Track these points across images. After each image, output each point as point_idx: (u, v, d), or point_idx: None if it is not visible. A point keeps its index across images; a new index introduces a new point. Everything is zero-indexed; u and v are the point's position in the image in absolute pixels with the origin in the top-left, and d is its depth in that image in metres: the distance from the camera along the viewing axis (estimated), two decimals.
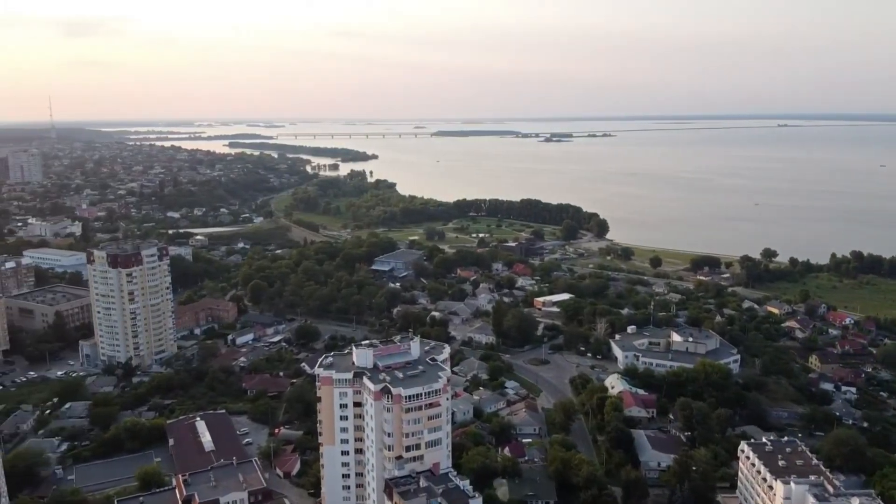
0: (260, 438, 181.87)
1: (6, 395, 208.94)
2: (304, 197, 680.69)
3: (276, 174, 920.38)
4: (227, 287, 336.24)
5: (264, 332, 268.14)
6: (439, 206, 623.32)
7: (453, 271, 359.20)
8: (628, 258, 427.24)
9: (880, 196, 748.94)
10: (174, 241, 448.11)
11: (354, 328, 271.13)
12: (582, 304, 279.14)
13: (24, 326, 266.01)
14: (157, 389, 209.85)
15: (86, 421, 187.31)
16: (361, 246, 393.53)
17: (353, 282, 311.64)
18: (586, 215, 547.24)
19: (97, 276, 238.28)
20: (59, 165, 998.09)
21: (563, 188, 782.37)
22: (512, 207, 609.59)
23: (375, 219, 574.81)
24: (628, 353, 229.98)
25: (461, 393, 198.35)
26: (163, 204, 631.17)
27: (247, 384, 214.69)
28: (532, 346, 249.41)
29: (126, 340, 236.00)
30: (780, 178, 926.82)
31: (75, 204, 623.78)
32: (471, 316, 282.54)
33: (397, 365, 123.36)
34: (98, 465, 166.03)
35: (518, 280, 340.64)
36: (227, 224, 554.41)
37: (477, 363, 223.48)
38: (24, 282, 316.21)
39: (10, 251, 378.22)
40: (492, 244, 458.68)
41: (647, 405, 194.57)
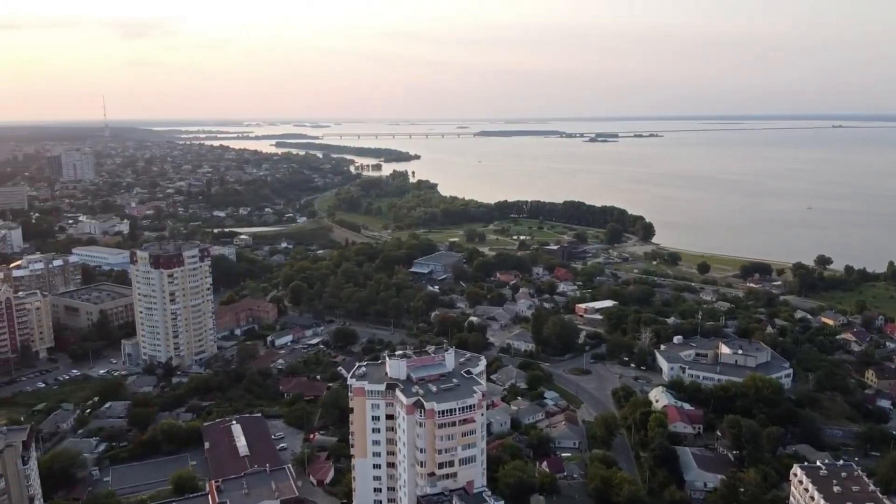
0: (295, 444, 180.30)
1: (49, 393, 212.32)
2: (347, 197, 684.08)
3: (320, 174, 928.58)
4: (268, 287, 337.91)
5: (303, 333, 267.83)
6: (480, 208, 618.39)
7: (493, 275, 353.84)
8: (675, 263, 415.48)
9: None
10: (219, 240, 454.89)
11: (392, 332, 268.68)
12: (626, 312, 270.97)
13: (70, 324, 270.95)
14: (195, 391, 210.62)
15: (124, 421, 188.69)
16: (401, 248, 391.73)
17: (392, 284, 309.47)
18: (631, 218, 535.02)
19: (140, 276, 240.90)
20: (112, 164, 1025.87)
21: (607, 190, 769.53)
22: (554, 209, 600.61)
23: (416, 220, 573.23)
24: (674, 364, 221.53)
25: (498, 403, 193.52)
26: (209, 203, 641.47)
27: (284, 387, 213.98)
28: (573, 355, 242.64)
29: (167, 341, 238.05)
30: (835, 181, 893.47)
31: (125, 202, 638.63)
32: (510, 322, 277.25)
33: (431, 377, 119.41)
34: (134, 467, 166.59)
35: (559, 285, 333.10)
36: (271, 224, 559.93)
37: (515, 372, 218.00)
38: (71, 279, 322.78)
39: (59, 249, 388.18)
40: (533, 247, 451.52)
41: (694, 421, 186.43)
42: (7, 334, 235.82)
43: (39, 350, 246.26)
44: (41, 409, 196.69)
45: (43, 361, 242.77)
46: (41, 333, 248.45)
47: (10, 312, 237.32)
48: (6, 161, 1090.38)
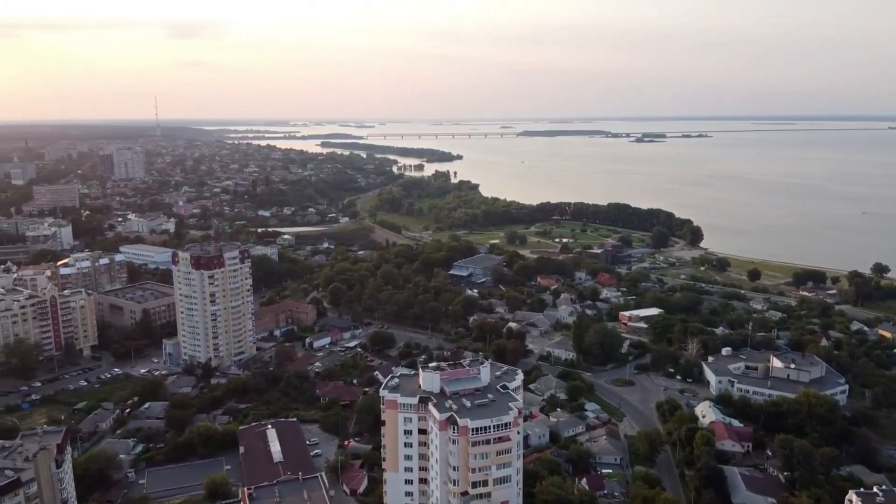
0: (329, 450, 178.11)
1: (90, 391, 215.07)
2: (389, 197, 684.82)
3: (363, 174, 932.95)
4: (308, 288, 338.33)
5: (341, 336, 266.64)
6: (522, 209, 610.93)
7: (533, 279, 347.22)
8: (723, 269, 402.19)
9: None
10: (263, 239, 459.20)
11: (430, 336, 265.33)
12: (672, 321, 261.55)
13: (114, 322, 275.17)
14: (232, 393, 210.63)
15: (162, 422, 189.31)
16: (441, 250, 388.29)
17: (431, 287, 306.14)
18: (678, 221, 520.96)
19: (181, 276, 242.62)
20: (162, 163, 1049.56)
21: (654, 191, 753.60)
22: (598, 211, 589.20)
23: (457, 221, 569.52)
24: (722, 377, 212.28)
25: (537, 414, 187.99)
26: (255, 202, 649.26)
27: (320, 391, 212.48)
28: (616, 365, 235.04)
29: (206, 341, 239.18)
30: (891, 184, 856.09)
31: (173, 201, 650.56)
32: (550, 328, 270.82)
33: (466, 391, 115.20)
34: (169, 470, 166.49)
35: (602, 291, 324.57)
36: (314, 224, 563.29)
37: (555, 381, 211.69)
38: (116, 278, 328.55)
39: (107, 247, 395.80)
40: (575, 250, 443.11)
41: (742, 439, 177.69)
42: (52, 332, 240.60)
43: (83, 348, 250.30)
44: (81, 407, 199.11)
45: (86, 359, 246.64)
46: (85, 331, 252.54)
47: (55, 310, 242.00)
48: (60, 159, 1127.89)
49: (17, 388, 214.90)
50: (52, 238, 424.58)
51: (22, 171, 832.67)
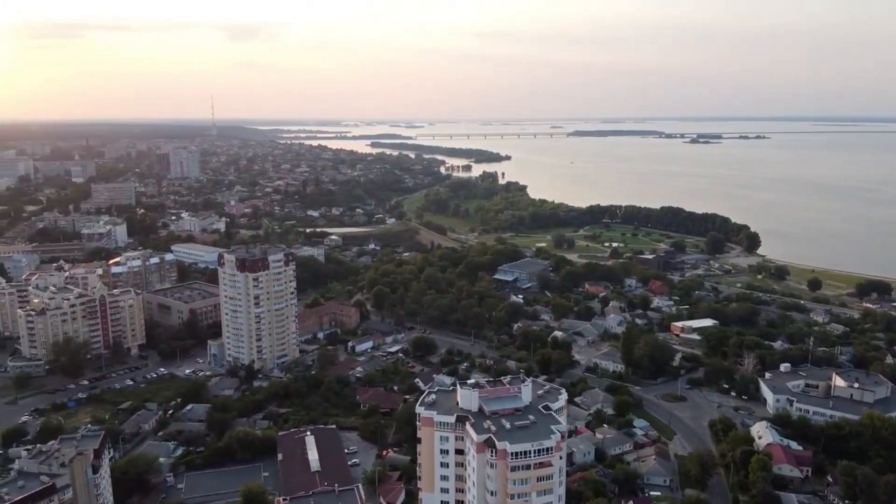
0: (367, 460, 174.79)
1: (136, 391, 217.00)
2: (436, 198, 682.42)
3: (411, 175, 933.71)
4: (353, 290, 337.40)
5: (383, 340, 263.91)
6: (570, 212, 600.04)
7: (581, 285, 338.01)
8: (782, 278, 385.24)
9: None
10: (311, 239, 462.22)
11: (472, 343, 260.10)
12: (727, 333, 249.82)
13: (162, 322, 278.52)
14: (273, 397, 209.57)
15: (203, 425, 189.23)
16: (486, 253, 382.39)
17: (475, 292, 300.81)
18: (735, 227, 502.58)
19: (226, 278, 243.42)
20: (216, 162, 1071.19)
21: (709, 195, 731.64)
22: (650, 215, 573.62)
23: (503, 223, 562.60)
24: (780, 396, 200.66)
25: (582, 430, 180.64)
26: (304, 202, 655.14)
27: (360, 397, 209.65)
28: (666, 379, 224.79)
29: (250, 343, 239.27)
30: None
31: (225, 200, 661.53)
32: (597, 338, 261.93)
33: (505, 411, 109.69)
34: (208, 475, 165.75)
35: (654, 300, 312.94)
36: (361, 224, 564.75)
37: (602, 395, 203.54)
38: (166, 277, 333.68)
39: (159, 246, 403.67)
40: (626, 255, 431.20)
41: (801, 463, 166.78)
42: (101, 331, 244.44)
43: (131, 347, 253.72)
44: (126, 407, 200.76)
45: (134, 358, 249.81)
46: (133, 330, 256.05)
47: (103, 309, 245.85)
48: (120, 157, 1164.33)
49: (65, 386, 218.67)
50: (106, 236, 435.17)
51: (82, 168, 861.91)
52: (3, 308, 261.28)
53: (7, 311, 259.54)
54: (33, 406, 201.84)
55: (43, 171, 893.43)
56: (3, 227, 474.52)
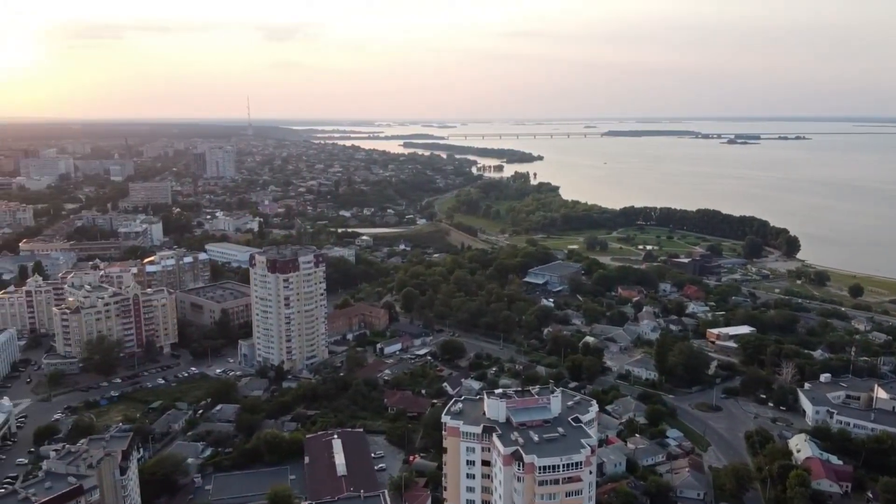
0: (394, 464, 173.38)
1: (167, 390, 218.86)
2: (467, 199, 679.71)
3: (442, 175, 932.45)
4: (382, 291, 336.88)
5: (412, 342, 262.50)
6: (603, 213, 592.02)
7: (614, 289, 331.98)
8: (822, 284, 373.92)
9: None
10: (342, 239, 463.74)
11: (501, 346, 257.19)
12: (765, 341, 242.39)
13: (194, 321, 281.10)
14: (302, 398, 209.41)
15: (232, 426, 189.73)
16: (516, 255, 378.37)
17: (504, 295, 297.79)
18: (773, 230, 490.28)
19: (257, 278, 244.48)
20: (252, 162, 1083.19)
21: (746, 197, 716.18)
22: (686, 217, 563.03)
23: (534, 224, 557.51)
24: (820, 407, 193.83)
25: (613, 439, 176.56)
26: (337, 202, 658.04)
27: (388, 400, 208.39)
28: (701, 388, 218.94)
29: (280, 344, 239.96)
30: None
31: (259, 200, 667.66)
32: (630, 345, 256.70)
33: (534, 423, 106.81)
34: (236, 477, 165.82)
35: (689, 305, 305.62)
36: (391, 225, 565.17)
37: (634, 404, 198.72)
38: (200, 276, 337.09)
39: (193, 245, 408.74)
40: (660, 259, 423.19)
41: (841, 478, 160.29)
42: (134, 329, 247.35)
43: (163, 346, 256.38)
44: (156, 406, 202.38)
45: (166, 357, 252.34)
46: (166, 329, 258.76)
47: (137, 308, 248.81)
48: (158, 157, 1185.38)
49: (98, 384, 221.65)
50: (142, 235, 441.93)
51: (121, 167, 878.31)
52: (40, 306, 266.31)
53: (43, 309, 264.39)
54: (66, 404, 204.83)
55: (83, 170, 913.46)
56: (43, 224, 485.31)
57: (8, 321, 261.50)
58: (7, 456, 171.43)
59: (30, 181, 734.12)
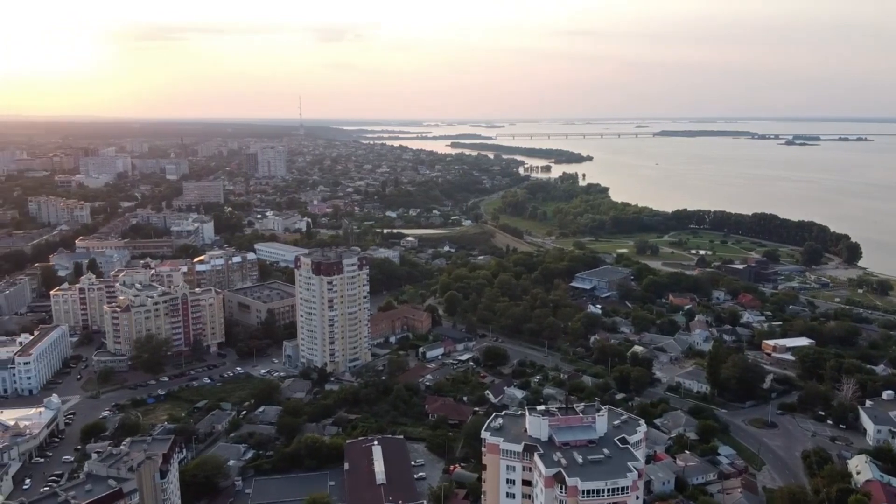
0: (434, 474, 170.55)
1: (212, 390, 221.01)
2: (513, 200, 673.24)
3: (488, 176, 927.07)
4: (426, 294, 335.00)
5: (454, 347, 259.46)
6: (654, 216, 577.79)
7: (664, 296, 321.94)
8: (885, 293, 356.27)
9: None
10: (387, 240, 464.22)
11: (546, 354, 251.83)
12: (824, 355, 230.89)
13: (241, 320, 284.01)
14: (343, 402, 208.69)
15: (274, 428, 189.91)
16: (563, 259, 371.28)
17: (550, 301, 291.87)
18: (833, 236, 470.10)
19: (302, 280, 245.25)
20: (302, 161, 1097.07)
21: (805, 201, 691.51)
22: (741, 221, 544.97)
23: (582, 226, 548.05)
24: (882, 427, 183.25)
25: (662, 455, 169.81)
26: (383, 203, 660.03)
27: (429, 407, 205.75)
28: (756, 403, 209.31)
29: (323, 346, 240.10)
30: None
31: (308, 199, 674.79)
32: (681, 355, 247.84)
33: (577, 443, 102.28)
34: (276, 481, 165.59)
35: (743, 314, 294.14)
36: (437, 226, 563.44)
37: (684, 418, 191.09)
38: (248, 276, 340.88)
39: (244, 244, 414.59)
40: (713, 264, 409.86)
41: None
42: (182, 328, 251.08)
43: (210, 345, 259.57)
44: (201, 406, 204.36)
45: (213, 356, 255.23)
46: (213, 329, 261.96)
47: (185, 307, 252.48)
48: (212, 156, 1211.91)
49: (146, 382, 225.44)
50: (194, 233, 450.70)
51: (176, 166, 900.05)
52: (93, 303, 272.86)
53: (96, 307, 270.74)
54: (114, 401, 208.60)
55: (140, 169, 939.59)
56: (99, 222, 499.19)
57: (62, 318, 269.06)
58: (54, 453, 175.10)
59: (89, 179, 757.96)
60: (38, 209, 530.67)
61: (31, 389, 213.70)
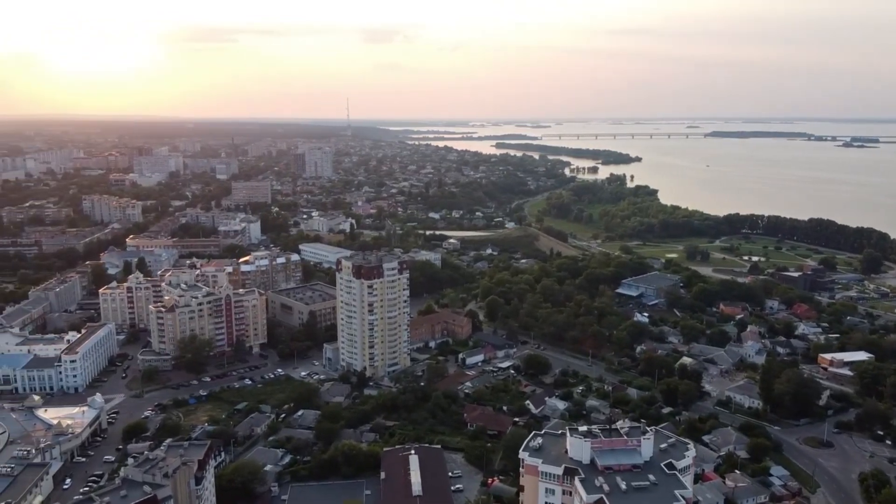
0: (471, 486, 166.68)
1: (253, 391, 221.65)
2: (558, 202, 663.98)
3: (533, 177, 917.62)
4: (466, 298, 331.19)
5: (494, 354, 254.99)
6: (705, 220, 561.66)
7: (715, 305, 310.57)
8: None
9: None
10: (429, 242, 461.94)
11: (590, 363, 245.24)
12: (884, 371, 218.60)
13: (284, 321, 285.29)
14: (381, 408, 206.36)
15: (312, 433, 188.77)
16: (609, 264, 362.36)
17: (594, 308, 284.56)
18: (894, 243, 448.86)
19: (343, 283, 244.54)
20: (349, 162, 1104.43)
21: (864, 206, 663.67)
22: (796, 227, 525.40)
23: (629, 230, 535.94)
24: None
25: (710, 475, 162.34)
26: (426, 204, 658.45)
27: (468, 416, 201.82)
28: (810, 420, 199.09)
29: (363, 350, 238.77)
30: None
31: (353, 200, 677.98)
32: (732, 368, 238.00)
33: (621, 467, 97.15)
34: (312, 488, 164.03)
35: (799, 325, 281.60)
36: (479, 228, 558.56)
37: (734, 435, 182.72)
38: (292, 276, 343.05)
39: (289, 244, 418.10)
40: (767, 271, 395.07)
41: None
42: (225, 329, 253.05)
43: (253, 345, 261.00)
44: (241, 408, 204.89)
45: (255, 357, 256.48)
46: (256, 329, 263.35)
47: (228, 308, 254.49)
48: (261, 156, 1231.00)
49: (189, 381, 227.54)
50: (241, 233, 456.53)
51: (226, 166, 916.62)
52: (140, 302, 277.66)
53: (143, 306, 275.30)
54: (157, 401, 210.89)
55: (191, 168, 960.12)
56: (150, 221, 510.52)
57: (110, 316, 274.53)
58: (96, 453, 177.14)
59: (142, 178, 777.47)
60: (92, 207, 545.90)
61: (76, 387, 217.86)
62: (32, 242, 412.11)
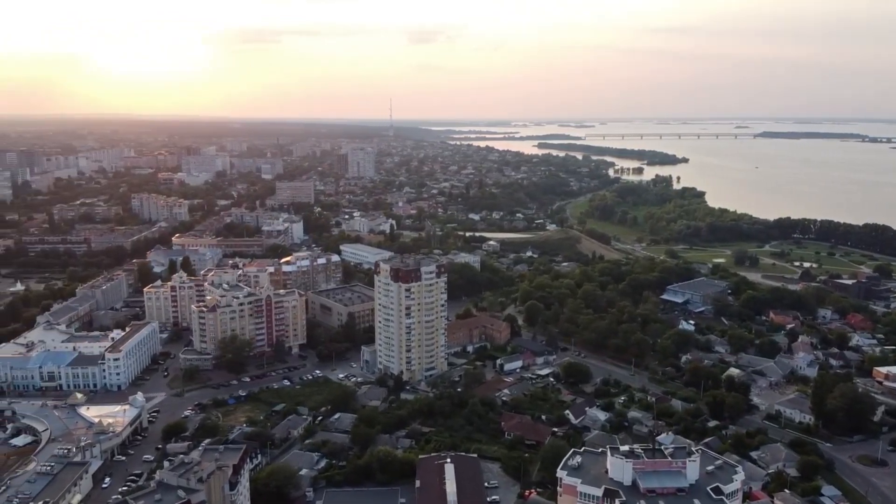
0: (508, 498, 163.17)
1: (291, 392, 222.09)
2: (601, 204, 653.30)
3: (576, 178, 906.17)
4: (505, 302, 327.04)
5: (533, 360, 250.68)
6: (754, 224, 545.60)
7: (764, 313, 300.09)
8: None
9: None
10: (469, 244, 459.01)
11: (633, 373, 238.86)
12: None
13: (323, 322, 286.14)
14: (418, 413, 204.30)
15: (347, 437, 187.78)
16: (653, 269, 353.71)
17: (638, 315, 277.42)
18: None
19: (381, 286, 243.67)
20: (390, 162, 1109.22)
21: None
22: (850, 232, 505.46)
23: (675, 234, 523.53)
24: None
25: (758, 494, 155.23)
26: (467, 205, 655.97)
27: (505, 424, 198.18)
28: (864, 437, 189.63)
29: (400, 354, 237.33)
30: None
31: (394, 201, 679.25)
32: (782, 380, 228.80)
33: (665, 490, 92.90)
34: (347, 494, 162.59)
35: (853, 336, 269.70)
36: (520, 230, 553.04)
37: (784, 452, 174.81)
38: (332, 277, 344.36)
39: (330, 245, 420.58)
40: (819, 278, 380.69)
41: None
42: (265, 329, 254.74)
43: (292, 346, 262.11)
44: (279, 409, 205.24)
45: (294, 358, 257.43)
46: (295, 330, 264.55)
47: (269, 309, 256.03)
48: (306, 156, 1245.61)
49: (228, 381, 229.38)
50: (284, 233, 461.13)
51: (271, 165, 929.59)
52: (183, 301, 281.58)
53: (186, 305, 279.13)
54: (197, 400, 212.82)
55: (238, 168, 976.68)
56: (196, 220, 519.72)
57: (154, 314, 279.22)
58: (136, 451, 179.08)
59: (189, 177, 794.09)
60: (141, 206, 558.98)
61: (119, 385, 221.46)
62: (82, 240, 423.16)
